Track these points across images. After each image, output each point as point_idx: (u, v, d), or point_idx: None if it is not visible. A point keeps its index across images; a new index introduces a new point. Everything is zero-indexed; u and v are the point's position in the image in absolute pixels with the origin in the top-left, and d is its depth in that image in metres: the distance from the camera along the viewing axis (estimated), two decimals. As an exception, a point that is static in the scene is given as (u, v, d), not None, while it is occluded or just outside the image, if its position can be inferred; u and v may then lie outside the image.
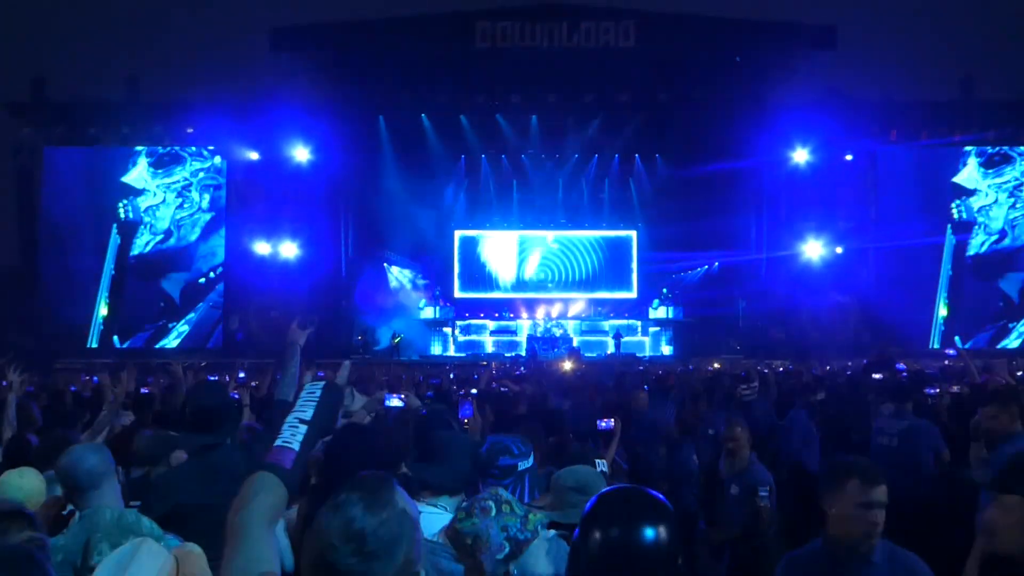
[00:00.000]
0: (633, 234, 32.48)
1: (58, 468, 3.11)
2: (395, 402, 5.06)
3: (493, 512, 2.25)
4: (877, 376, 9.31)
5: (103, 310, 27.24)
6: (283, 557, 2.88)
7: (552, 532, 2.33)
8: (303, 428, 1.97)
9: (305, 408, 2.03)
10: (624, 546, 1.70)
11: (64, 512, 3.31)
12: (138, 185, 27.65)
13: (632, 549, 1.70)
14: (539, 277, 32.59)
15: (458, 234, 32.44)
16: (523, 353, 28.27)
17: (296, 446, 1.92)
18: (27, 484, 3.39)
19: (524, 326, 30.85)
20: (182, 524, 3.29)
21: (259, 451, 3.37)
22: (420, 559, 1.62)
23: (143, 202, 27.64)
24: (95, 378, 9.95)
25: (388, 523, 1.55)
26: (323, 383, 2.14)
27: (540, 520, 2.31)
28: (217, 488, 3.35)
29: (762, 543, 5.53)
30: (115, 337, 27.14)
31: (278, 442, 1.93)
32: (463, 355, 29.08)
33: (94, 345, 26.79)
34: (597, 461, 3.34)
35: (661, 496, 1.83)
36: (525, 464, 2.60)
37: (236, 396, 7.07)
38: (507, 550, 2.20)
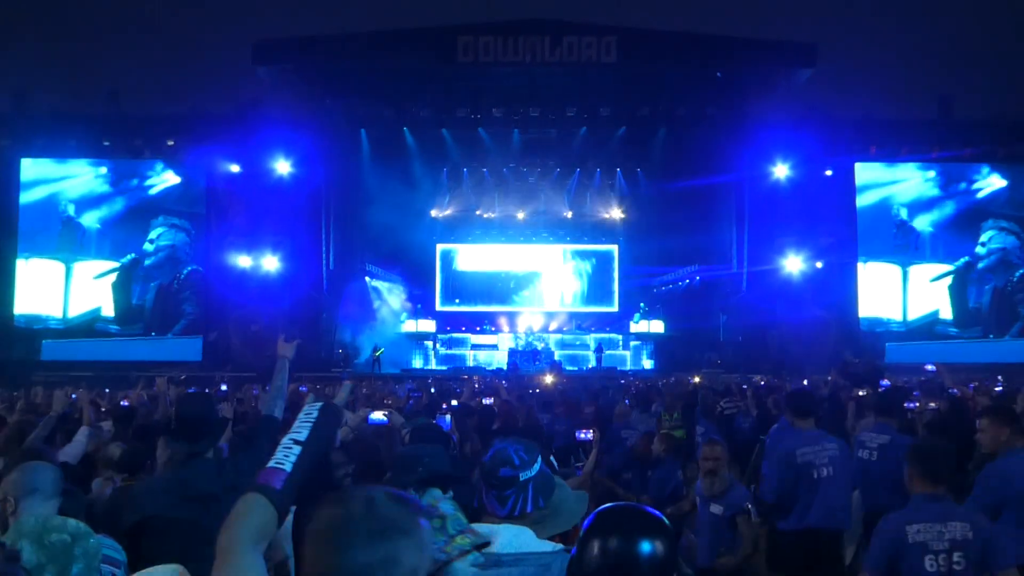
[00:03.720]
0: (614, 248, 32.59)
1: (11, 478, 3.06)
2: (379, 415, 5.02)
3: (434, 526, 2.24)
4: (861, 392, 9.34)
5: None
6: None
7: (477, 557, 2.31)
8: (297, 449, 1.94)
9: (301, 429, 2.00)
10: (621, 562, 1.70)
11: None
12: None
13: (629, 565, 1.70)
14: (521, 291, 32.60)
15: (440, 247, 32.43)
16: (504, 367, 28.24)
17: (288, 467, 1.89)
18: None
19: (505, 340, 30.84)
20: (152, 536, 3.26)
21: (243, 467, 3.36)
22: (428, 563, 1.61)
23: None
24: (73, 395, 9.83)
25: (407, 512, 1.57)
26: (321, 404, 2.12)
27: (464, 545, 2.28)
28: (188, 503, 3.33)
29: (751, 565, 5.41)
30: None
31: (271, 463, 1.90)
32: (444, 368, 29.02)
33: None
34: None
35: (658, 512, 1.83)
36: (527, 474, 2.58)
37: (220, 408, 7.03)
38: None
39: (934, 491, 3.81)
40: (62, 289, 23.39)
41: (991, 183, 24.79)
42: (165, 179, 27.78)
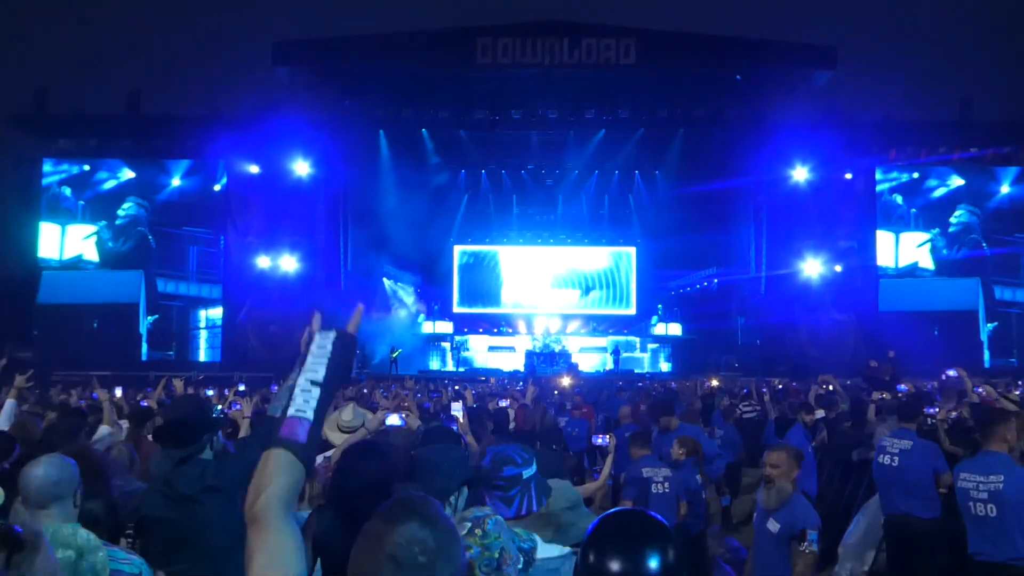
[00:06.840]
0: (632, 250, 32.46)
1: (20, 477, 2.90)
2: (395, 420, 4.98)
3: (504, 525, 2.24)
4: (881, 396, 9.29)
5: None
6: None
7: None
8: (316, 392, 1.73)
9: (317, 367, 1.76)
10: (626, 570, 1.68)
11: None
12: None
13: (634, 573, 1.68)
14: (538, 293, 32.53)
15: (457, 249, 32.42)
16: (522, 369, 28.19)
17: (311, 415, 1.70)
18: None
19: (523, 342, 30.78)
20: (145, 536, 3.34)
21: (226, 473, 3.34)
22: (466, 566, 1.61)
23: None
24: (94, 394, 9.90)
25: (446, 531, 1.54)
26: (334, 334, 1.83)
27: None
28: (173, 503, 3.36)
29: None
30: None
31: (291, 411, 1.70)
32: (462, 370, 29.01)
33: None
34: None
35: (661, 518, 1.81)
36: (529, 472, 2.58)
37: (239, 407, 7.04)
38: (522, 561, 2.20)
39: (647, 453, 6.55)
40: (59, 242, 29.32)
41: (956, 181, 29.61)
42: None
